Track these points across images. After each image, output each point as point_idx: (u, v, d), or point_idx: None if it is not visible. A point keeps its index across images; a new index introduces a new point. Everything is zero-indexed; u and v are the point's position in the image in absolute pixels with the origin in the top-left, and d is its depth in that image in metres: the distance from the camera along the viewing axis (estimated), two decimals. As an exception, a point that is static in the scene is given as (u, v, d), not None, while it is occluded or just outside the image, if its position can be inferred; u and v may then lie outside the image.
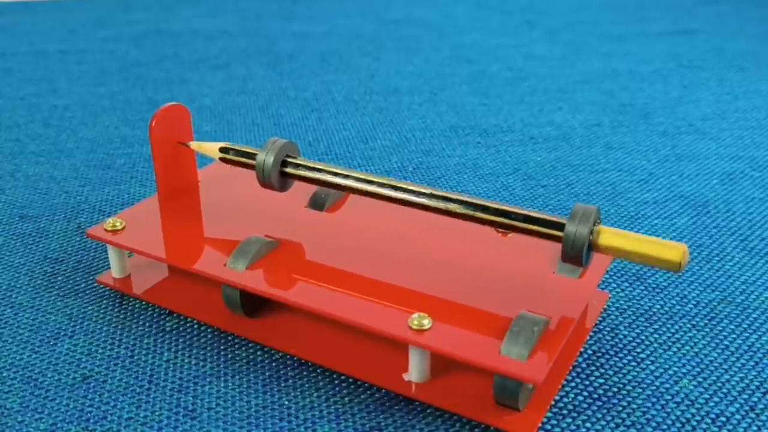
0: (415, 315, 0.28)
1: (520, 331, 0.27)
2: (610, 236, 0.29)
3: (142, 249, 0.34)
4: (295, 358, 0.32)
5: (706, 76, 0.76)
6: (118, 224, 0.36)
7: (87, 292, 0.38)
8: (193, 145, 0.39)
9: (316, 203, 0.38)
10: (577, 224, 0.28)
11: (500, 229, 0.35)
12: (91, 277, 0.39)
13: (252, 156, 0.36)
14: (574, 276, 0.32)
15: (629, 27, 0.98)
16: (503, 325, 0.28)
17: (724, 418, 0.29)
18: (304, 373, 0.32)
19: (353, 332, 0.32)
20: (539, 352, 0.27)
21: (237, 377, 0.31)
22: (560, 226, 0.29)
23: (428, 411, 0.29)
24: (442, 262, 0.33)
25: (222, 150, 0.37)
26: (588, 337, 0.34)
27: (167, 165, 0.38)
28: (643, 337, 0.34)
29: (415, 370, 0.29)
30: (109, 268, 0.38)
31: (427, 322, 0.28)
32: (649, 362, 0.32)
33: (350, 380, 0.31)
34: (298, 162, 0.35)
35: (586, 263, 0.29)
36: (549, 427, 0.29)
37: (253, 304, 0.34)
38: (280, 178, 0.35)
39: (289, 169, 0.35)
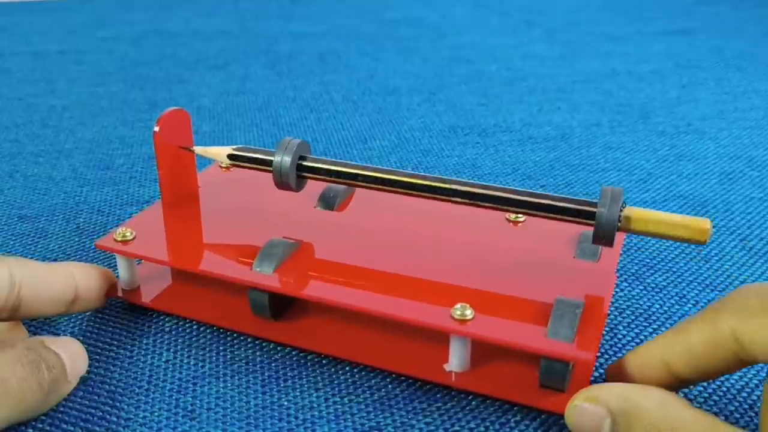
0: (458, 306, 0.29)
1: (563, 314, 0.28)
2: (638, 216, 0.30)
3: (160, 258, 0.33)
4: (294, 359, 0.32)
5: (704, 75, 0.76)
6: (128, 234, 0.34)
7: (86, 292, 0.38)
8: (198, 149, 0.38)
9: (327, 202, 0.38)
10: (608, 206, 0.29)
11: (512, 218, 0.36)
12: (90, 278, 0.39)
13: (265, 160, 0.35)
14: (594, 260, 0.33)
15: (628, 27, 0.98)
16: (541, 310, 0.29)
17: (723, 417, 0.29)
18: (304, 373, 0.32)
19: (382, 328, 0.33)
20: (584, 332, 0.28)
21: (236, 377, 0.31)
22: (591, 211, 0.30)
23: (427, 410, 0.29)
24: (466, 253, 0.34)
25: (230, 157, 0.36)
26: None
27: (171, 170, 0.38)
28: (642, 337, 0.34)
29: (456, 360, 0.30)
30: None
31: (469, 312, 0.29)
32: (648, 362, 0.32)
33: (349, 380, 0.31)
34: (313, 161, 0.34)
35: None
36: (549, 425, 0.29)
37: (279, 306, 0.33)
38: (297, 178, 0.35)
39: (306, 166, 0.34)
